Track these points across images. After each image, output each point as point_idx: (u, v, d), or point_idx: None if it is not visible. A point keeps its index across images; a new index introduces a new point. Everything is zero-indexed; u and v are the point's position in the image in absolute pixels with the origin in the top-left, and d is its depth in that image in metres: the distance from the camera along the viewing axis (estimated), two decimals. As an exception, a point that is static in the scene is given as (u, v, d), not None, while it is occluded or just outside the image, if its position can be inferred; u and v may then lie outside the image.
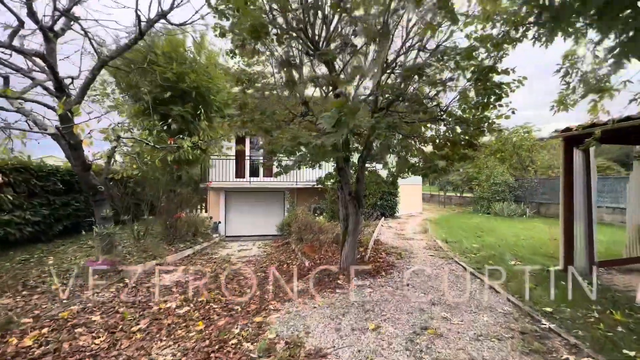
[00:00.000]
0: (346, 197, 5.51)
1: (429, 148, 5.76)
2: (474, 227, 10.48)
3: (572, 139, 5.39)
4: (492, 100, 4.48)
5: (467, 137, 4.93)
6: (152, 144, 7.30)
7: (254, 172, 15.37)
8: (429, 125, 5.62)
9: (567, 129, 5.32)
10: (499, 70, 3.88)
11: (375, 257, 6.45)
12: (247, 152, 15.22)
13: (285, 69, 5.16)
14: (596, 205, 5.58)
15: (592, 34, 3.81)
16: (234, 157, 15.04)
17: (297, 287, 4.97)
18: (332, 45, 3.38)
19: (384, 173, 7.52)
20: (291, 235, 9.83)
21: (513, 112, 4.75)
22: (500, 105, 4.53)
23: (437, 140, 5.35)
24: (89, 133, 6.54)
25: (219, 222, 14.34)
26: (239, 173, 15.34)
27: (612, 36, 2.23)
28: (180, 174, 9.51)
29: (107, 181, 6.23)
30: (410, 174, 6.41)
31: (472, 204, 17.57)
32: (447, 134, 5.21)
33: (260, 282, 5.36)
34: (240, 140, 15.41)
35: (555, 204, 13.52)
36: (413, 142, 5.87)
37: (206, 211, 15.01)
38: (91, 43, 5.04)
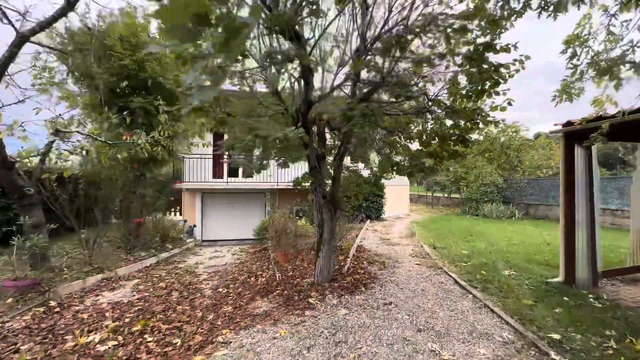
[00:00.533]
0: (320, 201, 4.76)
1: (415, 145, 5.10)
2: (463, 230, 9.92)
3: (574, 135, 4.80)
4: (487, 86, 3.82)
5: (457, 131, 4.26)
6: (103, 140, 6.38)
7: (233, 172, 14.48)
8: (414, 118, 4.94)
9: (569, 123, 4.72)
10: (498, 47, 3.20)
11: (356, 268, 5.72)
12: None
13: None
14: (599, 208, 5.02)
15: (610, 1, 3.19)
16: (210, 156, 14.11)
17: (260, 307, 4.18)
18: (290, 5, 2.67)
19: (368, 173, 6.82)
20: (268, 241, 9.02)
21: (509, 104, 4.11)
22: (497, 93, 3.87)
23: (424, 136, 4.67)
24: (21, 125, 5.61)
25: (194, 226, 13.38)
26: (217, 173, 14.41)
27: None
28: (142, 174, 8.55)
29: (38, 182, 5.27)
30: (394, 173, 5.73)
31: (460, 205, 17.14)
32: (435, 127, 4.54)
33: (219, 302, 4.54)
34: (218, 138, 14.47)
35: (544, 205, 13.18)
36: (398, 138, 5.18)
37: (180, 214, 14.01)
38: (4, 15, 4.12)
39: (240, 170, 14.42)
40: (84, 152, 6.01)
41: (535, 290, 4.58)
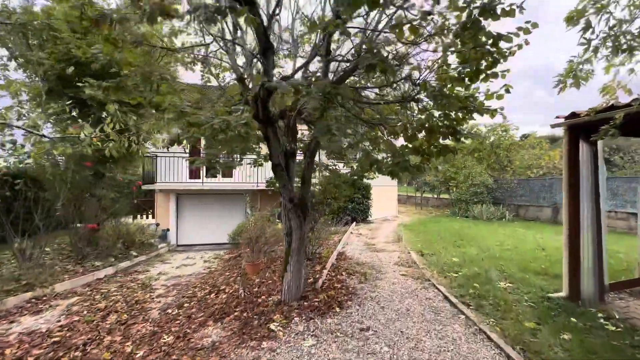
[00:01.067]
0: (287, 205, 4.01)
1: (401, 141, 4.42)
2: (452, 234, 9.33)
3: (579, 129, 4.19)
4: (483, 66, 3.15)
5: (448, 122, 3.58)
6: (38, 133, 5.47)
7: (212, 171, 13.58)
8: (398, 107, 4.26)
9: (573, 115, 4.11)
10: (498, 10, 2.51)
11: (333, 281, 4.99)
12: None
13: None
14: (605, 212, 4.44)
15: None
16: (187, 155, 13.17)
17: (209, 336, 3.40)
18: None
19: (348, 172, 6.10)
20: (241, 247, 8.23)
21: (507, 91, 3.45)
22: (495, 76, 3.21)
23: (409, 130, 3.97)
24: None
25: (167, 230, 12.41)
26: (194, 173, 13.50)
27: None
28: (99, 173, 7.62)
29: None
30: (376, 173, 5.03)
31: (449, 206, 16.67)
32: (421, 116, 3.85)
33: (161, 329, 3.73)
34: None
35: (535, 206, 12.78)
36: (380, 132, 4.48)
37: (153, 217, 13.03)
38: None
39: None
40: (8, 147, 5.08)
41: (536, 308, 3.95)
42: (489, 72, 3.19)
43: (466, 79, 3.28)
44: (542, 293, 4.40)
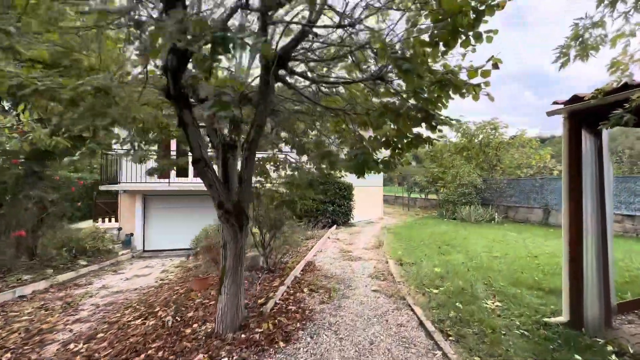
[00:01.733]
0: (217, 212, 3.14)
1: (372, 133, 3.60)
2: (438, 238, 8.58)
3: (582, 116, 3.44)
4: (464, 28, 2.34)
5: (420, 102, 2.77)
6: None
7: (182, 171, 12.60)
8: (366, 89, 3.43)
9: (576, 99, 3.34)
10: None
11: (288, 302, 4.13)
12: (173, 145, 12.39)
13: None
14: (613, 215, 3.71)
15: None
16: (153, 153, 12.15)
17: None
18: None
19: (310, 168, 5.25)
20: (199, 257, 7.30)
21: (496, 66, 2.67)
22: (478, 37, 2.41)
23: (369, 117, 3.13)
24: None
25: (131, 235, 11.36)
26: (163, 172, 12.49)
27: None
28: (34, 171, 6.61)
29: None
30: (339, 171, 4.22)
31: (437, 207, 16.00)
32: (389, 99, 3.04)
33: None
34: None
35: (525, 208, 12.17)
36: (345, 121, 3.65)
37: (117, 220, 11.95)
38: None
39: (191, 168, 12.56)
40: None
41: (531, 338, 3.16)
42: (470, 32, 2.39)
43: (440, 43, 2.47)
44: (537, 316, 3.62)
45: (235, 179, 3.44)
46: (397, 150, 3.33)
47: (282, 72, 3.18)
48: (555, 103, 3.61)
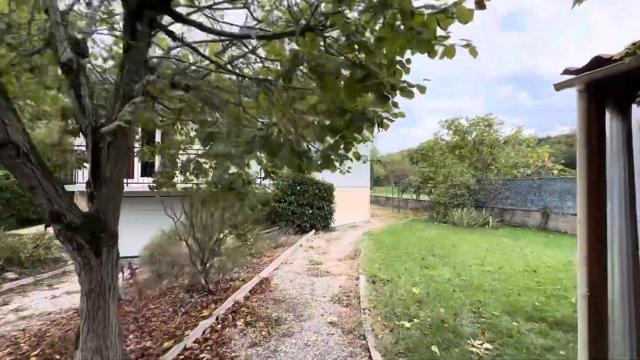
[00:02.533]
0: (53, 229, 2.07)
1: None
2: (424, 246, 7.56)
3: (605, 88, 2.40)
4: None
5: (357, 57, 1.72)
6: None
7: (149, 170, 11.46)
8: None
9: (598, 61, 2.30)
10: None
11: (204, 346, 3.06)
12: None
13: None
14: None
15: None
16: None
17: None
18: None
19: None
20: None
21: (481, 5, 1.61)
22: None
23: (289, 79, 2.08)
24: None
25: None
26: (128, 171, 11.36)
27: None
28: None
29: None
30: (266, 173, 3.17)
31: (429, 209, 15.00)
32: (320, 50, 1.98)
33: None
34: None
35: (522, 210, 11.19)
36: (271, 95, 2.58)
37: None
38: None
39: (157, 167, 11.41)
40: None
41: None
42: None
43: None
44: (542, 369, 2.59)
45: (107, 176, 2.37)
46: (342, 139, 2.28)
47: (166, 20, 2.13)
48: (566, 72, 2.57)
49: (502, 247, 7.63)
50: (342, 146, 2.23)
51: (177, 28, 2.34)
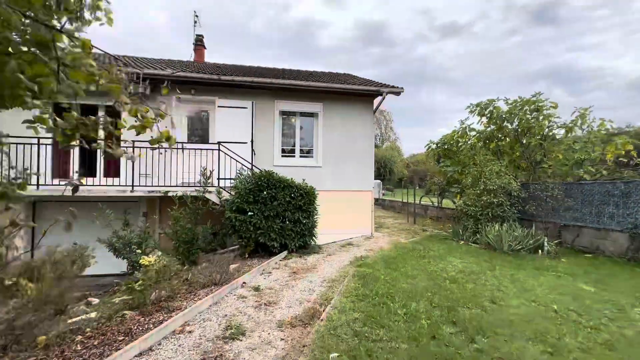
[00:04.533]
0: None
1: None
2: (440, 297, 4.47)
3: None
4: None
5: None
6: None
7: (88, 169, 9.17)
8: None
9: None
10: None
11: None
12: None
13: None
14: None
15: None
16: (49, 141, 8.77)
17: None
18: None
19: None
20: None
21: None
22: None
23: None
24: None
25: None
26: (60, 169, 9.12)
27: None
28: None
29: None
30: None
31: (453, 219, 11.63)
32: None
33: None
34: (63, 110, 9.13)
35: (594, 229, 7.64)
36: None
37: None
38: None
39: (100, 162, 9.08)
40: None
41: None
42: None
43: None
44: None
45: None
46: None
47: None
48: None
49: (579, 302, 4.36)
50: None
51: None
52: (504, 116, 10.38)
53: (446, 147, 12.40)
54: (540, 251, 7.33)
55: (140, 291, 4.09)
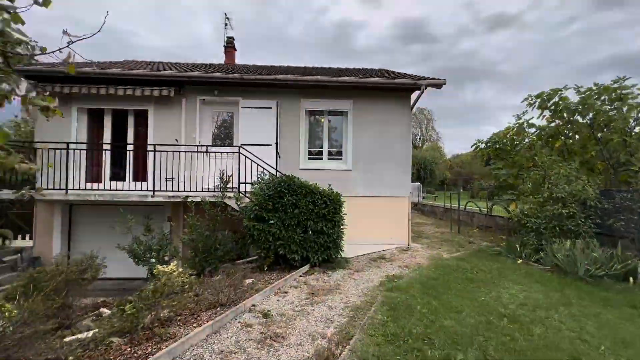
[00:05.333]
0: None
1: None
2: (496, 342, 3.37)
3: None
4: None
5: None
6: None
7: (117, 174, 9.31)
8: None
9: None
10: None
11: None
12: (107, 136, 9.27)
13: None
14: None
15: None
16: (84, 146, 9.18)
17: None
18: None
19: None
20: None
21: None
22: None
23: None
24: None
25: (35, 259, 8.42)
26: (93, 175, 9.36)
27: None
28: None
29: None
30: None
31: (506, 230, 9.99)
32: None
33: None
34: (95, 115, 9.38)
35: None
36: None
37: (31, 237, 9.18)
38: None
39: (130, 168, 9.18)
40: None
41: None
42: None
43: None
44: None
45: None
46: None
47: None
48: None
49: None
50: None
51: None
52: (573, 108, 8.57)
53: (498, 146, 10.73)
54: (632, 279, 5.67)
55: (131, 314, 3.60)
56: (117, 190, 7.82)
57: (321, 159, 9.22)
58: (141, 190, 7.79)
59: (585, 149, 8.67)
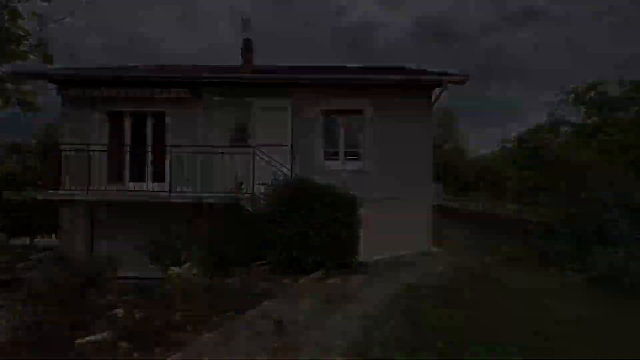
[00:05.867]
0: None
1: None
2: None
3: None
4: None
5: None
6: None
7: (138, 174, 9.46)
8: None
9: None
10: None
11: None
12: (128, 135, 9.49)
13: None
14: None
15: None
16: (104, 147, 9.38)
17: None
18: None
19: None
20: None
21: None
22: None
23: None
24: None
25: (61, 256, 8.70)
26: (114, 174, 9.58)
27: None
28: None
29: None
30: None
31: (535, 234, 9.25)
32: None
33: None
34: (115, 119, 9.60)
35: None
36: None
37: (56, 237, 9.53)
38: None
39: (148, 169, 9.33)
40: None
41: None
42: None
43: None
44: None
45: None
46: None
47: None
48: None
49: None
50: None
51: None
52: (615, 103, 7.81)
53: (527, 145, 10.01)
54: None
55: (140, 320, 3.52)
56: (135, 190, 7.93)
57: (337, 159, 8.96)
58: (159, 191, 7.85)
59: (629, 148, 7.87)
